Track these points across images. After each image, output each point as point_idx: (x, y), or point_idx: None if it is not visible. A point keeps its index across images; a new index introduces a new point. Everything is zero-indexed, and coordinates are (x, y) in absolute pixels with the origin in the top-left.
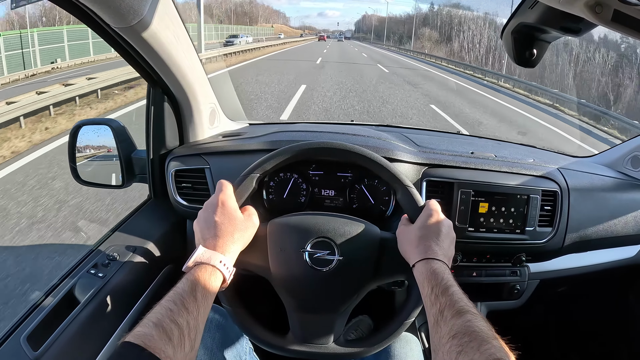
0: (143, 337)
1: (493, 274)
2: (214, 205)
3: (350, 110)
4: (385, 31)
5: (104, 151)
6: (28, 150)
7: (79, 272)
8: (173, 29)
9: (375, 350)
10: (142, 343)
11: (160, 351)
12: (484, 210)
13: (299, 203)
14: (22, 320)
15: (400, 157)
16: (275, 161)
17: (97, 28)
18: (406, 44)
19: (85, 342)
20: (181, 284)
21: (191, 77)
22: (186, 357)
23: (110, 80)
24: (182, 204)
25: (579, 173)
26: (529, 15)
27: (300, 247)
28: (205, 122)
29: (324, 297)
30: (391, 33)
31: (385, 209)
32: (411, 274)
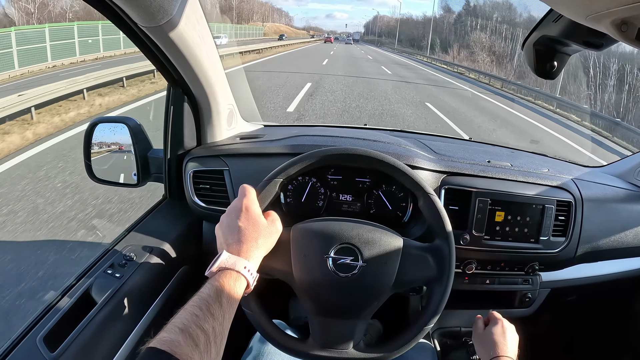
0: (169, 343)
1: (506, 282)
2: (237, 210)
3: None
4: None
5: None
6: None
7: (95, 272)
8: (199, 28)
9: (395, 355)
10: (168, 349)
11: (187, 357)
12: (500, 219)
13: (316, 207)
14: (38, 321)
15: (421, 164)
16: (300, 166)
17: (123, 26)
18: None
19: (102, 343)
20: (206, 289)
21: (213, 78)
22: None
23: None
24: (199, 205)
25: (591, 184)
26: (552, 28)
27: (324, 252)
28: (224, 123)
29: (345, 303)
30: (412, 37)
31: (402, 215)
32: (432, 282)
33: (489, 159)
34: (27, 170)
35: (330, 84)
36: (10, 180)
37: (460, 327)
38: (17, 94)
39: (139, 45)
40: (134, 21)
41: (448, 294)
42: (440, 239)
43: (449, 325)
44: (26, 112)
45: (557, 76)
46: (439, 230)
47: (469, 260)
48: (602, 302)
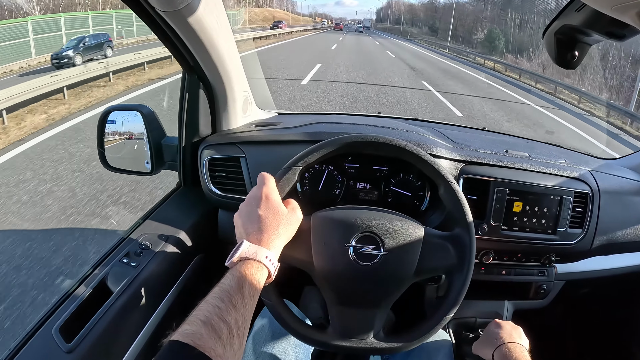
0: (192, 335)
1: (522, 273)
2: (257, 198)
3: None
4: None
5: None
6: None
7: (110, 261)
8: (216, 13)
9: (415, 345)
10: (191, 342)
11: (211, 350)
12: (518, 210)
13: (333, 195)
14: (54, 311)
15: (440, 153)
16: (321, 153)
17: (141, 11)
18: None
19: (118, 333)
20: (227, 280)
21: (229, 65)
22: (235, 355)
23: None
24: (215, 193)
25: (608, 176)
26: (575, 17)
27: (346, 241)
28: (239, 111)
29: (366, 292)
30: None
31: (420, 204)
32: (452, 271)
33: (507, 148)
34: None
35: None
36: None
37: (475, 318)
38: (49, 74)
39: (156, 31)
40: (152, 6)
41: (468, 283)
42: (461, 228)
43: (464, 316)
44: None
45: (577, 66)
46: (460, 219)
47: (486, 250)
48: (616, 295)
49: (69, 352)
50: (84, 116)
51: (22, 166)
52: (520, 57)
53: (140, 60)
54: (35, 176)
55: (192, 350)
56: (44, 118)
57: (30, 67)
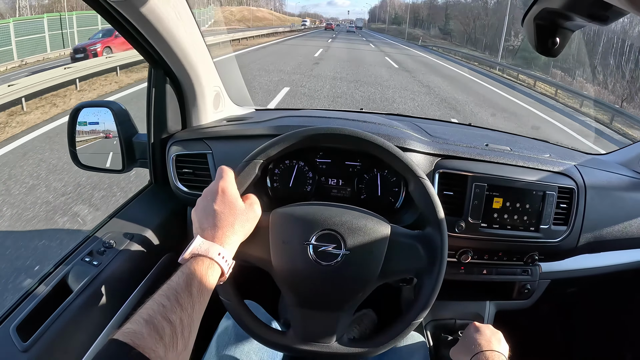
0: (132, 335)
1: (504, 272)
2: (213, 192)
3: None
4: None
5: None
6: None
7: (72, 259)
8: (174, 4)
9: (381, 351)
10: (131, 342)
11: (151, 350)
12: (498, 206)
13: (304, 192)
14: (12, 310)
15: (412, 146)
16: (280, 147)
17: (93, 2)
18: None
19: (77, 333)
20: (176, 278)
21: (194, 58)
22: (179, 356)
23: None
24: (182, 190)
25: (595, 170)
26: (554, 0)
27: (304, 239)
28: (209, 106)
29: (328, 294)
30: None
31: (395, 201)
32: (422, 273)
33: (487, 142)
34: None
35: None
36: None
37: (455, 320)
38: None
39: (112, 23)
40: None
41: (439, 286)
42: (432, 227)
43: (443, 317)
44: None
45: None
46: (430, 217)
47: (465, 249)
48: (603, 295)
49: (24, 350)
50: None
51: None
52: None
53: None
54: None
55: (131, 350)
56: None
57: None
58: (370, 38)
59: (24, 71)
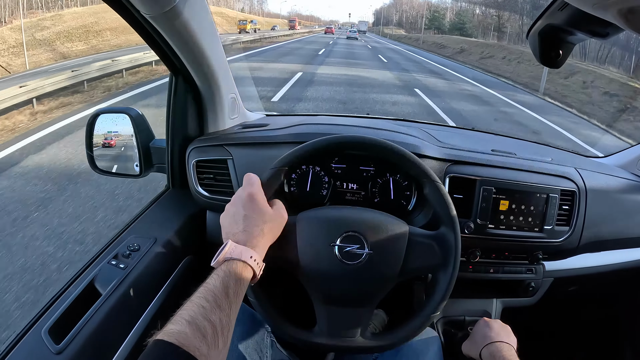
0: (177, 334)
1: (510, 271)
2: (242, 199)
3: None
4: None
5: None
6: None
7: (99, 263)
8: (202, 16)
9: (401, 343)
10: (176, 341)
11: (195, 349)
12: (505, 208)
13: (320, 196)
14: (43, 313)
15: (426, 153)
16: (306, 154)
17: (126, 14)
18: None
19: (107, 335)
20: (212, 280)
21: (216, 67)
22: (219, 354)
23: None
24: (203, 195)
25: (595, 174)
26: (558, 17)
27: (330, 241)
28: (227, 113)
29: (352, 291)
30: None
31: (407, 204)
32: (438, 269)
33: (493, 148)
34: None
35: None
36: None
37: (464, 317)
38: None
39: (141, 33)
40: (137, 9)
41: (454, 282)
42: (446, 227)
43: (453, 314)
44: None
45: (562, 64)
46: (444, 218)
47: (473, 248)
48: (605, 292)
49: (58, 353)
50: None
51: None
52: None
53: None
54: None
55: (177, 349)
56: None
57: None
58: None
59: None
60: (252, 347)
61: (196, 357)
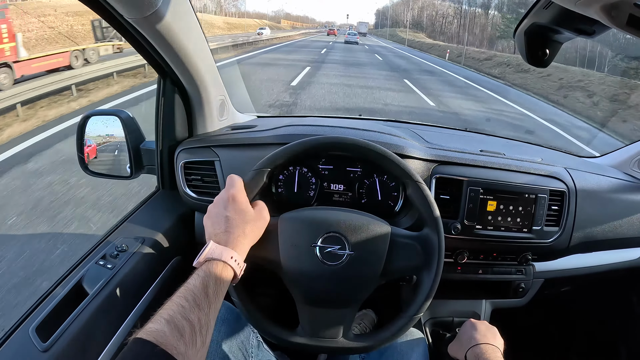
0: (155, 333)
1: (499, 272)
2: (224, 200)
3: None
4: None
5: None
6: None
7: (87, 263)
8: (186, 19)
9: (384, 344)
10: (154, 339)
11: (173, 348)
12: (492, 209)
13: (307, 197)
14: (32, 311)
15: (410, 153)
16: (288, 155)
17: (109, 18)
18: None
19: (94, 333)
20: (192, 280)
21: (202, 69)
22: (197, 353)
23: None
24: (191, 196)
25: (586, 174)
26: (543, 15)
27: (312, 242)
28: (215, 114)
29: (334, 292)
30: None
31: (394, 205)
32: (421, 270)
33: (482, 148)
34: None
35: None
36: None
37: (452, 318)
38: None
39: (126, 37)
40: (120, 13)
41: (437, 283)
42: (429, 227)
43: (441, 315)
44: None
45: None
46: (427, 219)
47: (461, 249)
48: (596, 293)
49: (44, 351)
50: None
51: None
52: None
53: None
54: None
55: (154, 348)
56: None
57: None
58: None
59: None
60: (236, 347)
61: (173, 356)
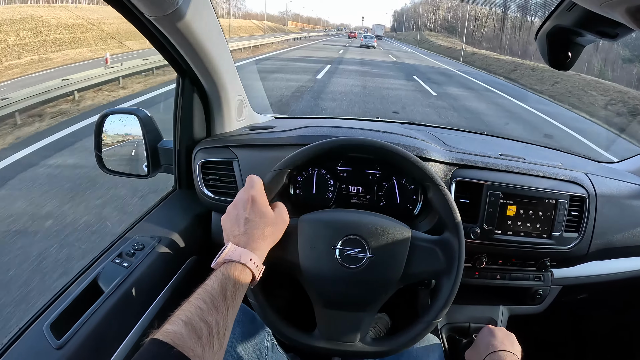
0: (172, 335)
1: (517, 278)
2: (244, 201)
3: None
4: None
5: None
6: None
7: (103, 261)
8: (206, 18)
9: (402, 349)
10: (171, 341)
11: (189, 350)
12: (512, 213)
13: (326, 199)
14: (46, 308)
15: (431, 156)
16: (308, 156)
17: (130, 16)
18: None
19: (108, 332)
20: (210, 282)
21: (221, 68)
22: (214, 356)
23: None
24: (208, 196)
25: (606, 179)
26: (566, 17)
27: (332, 244)
28: (233, 114)
29: (353, 295)
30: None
31: (412, 208)
32: (441, 275)
33: (502, 152)
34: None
35: None
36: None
37: (469, 323)
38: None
39: (146, 35)
40: (141, 11)
41: (457, 288)
42: (450, 232)
43: (458, 320)
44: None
45: (571, 67)
46: (448, 223)
47: (480, 254)
48: (613, 301)
49: (58, 348)
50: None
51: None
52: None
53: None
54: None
55: (171, 350)
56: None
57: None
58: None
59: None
60: (251, 349)
61: (190, 358)
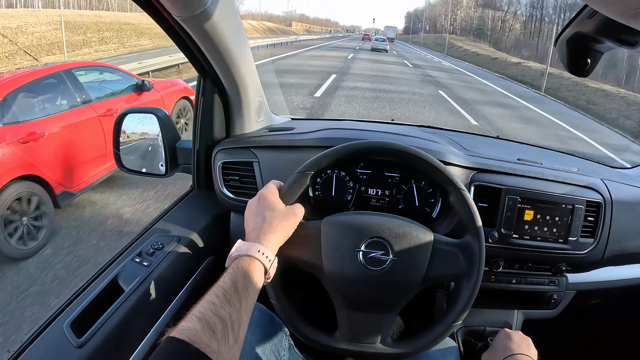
0: (188, 331)
1: (532, 282)
2: (256, 200)
3: None
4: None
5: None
6: None
7: (123, 259)
8: (232, 20)
9: (421, 351)
10: (186, 338)
11: (205, 345)
12: (529, 218)
13: (345, 201)
14: (66, 306)
15: (451, 160)
16: (333, 159)
17: (156, 15)
18: None
19: (128, 331)
20: (222, 278)
21: (244, 70)
22: (230, 350)
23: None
24: (228, 197)
25: (621, 185)
26: (587, 25)
27: (355, 246)
28: (253, 116)
29: (375, 297)
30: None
31: (431, 211)
32: (461, 278)
33: (519, 156)
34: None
35: None
36: None
37: (485, 327)
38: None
39: (171, 35)
40: (168, 11)
41: (477, 291)
42: (471, 235)
43: (473, 324)
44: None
45: (590, 73)
46: (469, 226)
47: (497, 258)
48: (628, 306)
49: (79, 347)
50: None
51: None
52: None
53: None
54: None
55: (188, 347)
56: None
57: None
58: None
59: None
60: (269, 350)
61: (206, 354)
